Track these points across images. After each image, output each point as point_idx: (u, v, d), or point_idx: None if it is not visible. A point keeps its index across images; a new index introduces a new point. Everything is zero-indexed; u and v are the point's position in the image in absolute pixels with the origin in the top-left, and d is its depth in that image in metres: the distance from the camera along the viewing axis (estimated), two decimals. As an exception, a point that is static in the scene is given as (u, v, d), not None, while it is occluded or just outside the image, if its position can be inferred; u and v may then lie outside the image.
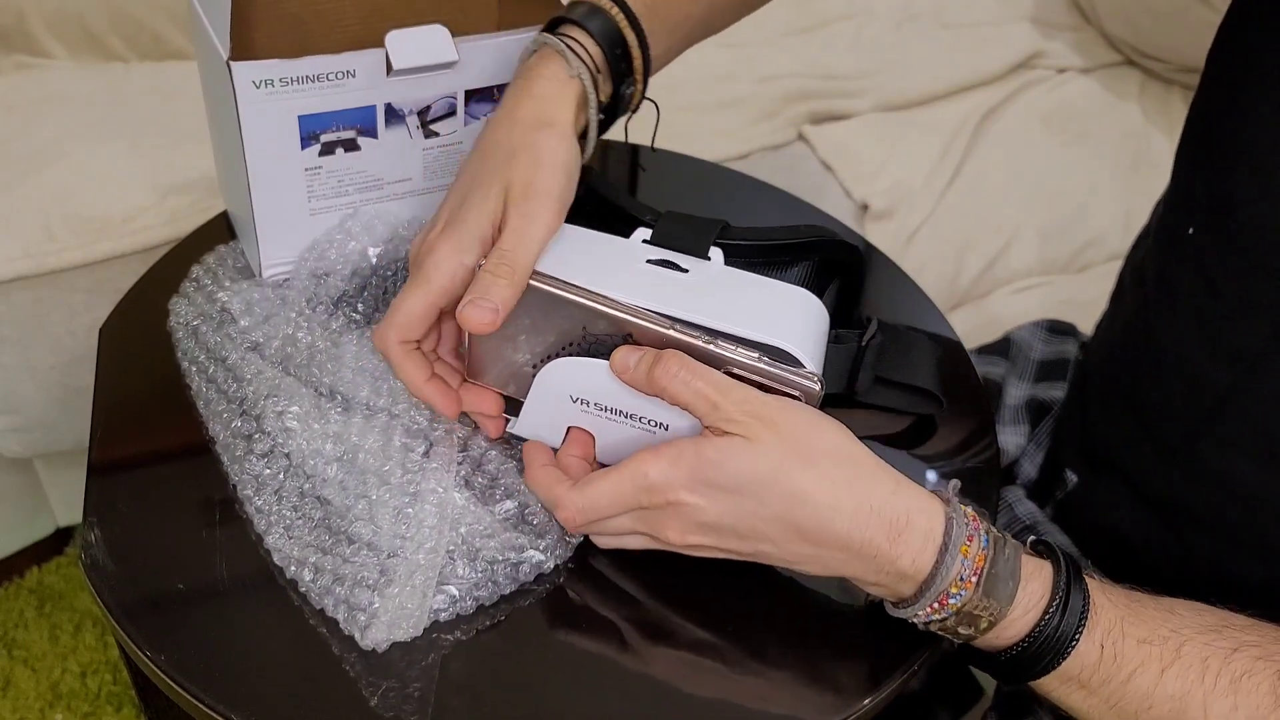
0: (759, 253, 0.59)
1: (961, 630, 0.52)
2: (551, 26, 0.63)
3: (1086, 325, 0.93)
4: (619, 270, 0.55)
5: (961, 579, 0.51)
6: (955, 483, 0.54)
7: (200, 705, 0.51)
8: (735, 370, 0.52)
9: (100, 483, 0.60)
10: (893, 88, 1.38)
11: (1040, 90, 1.42)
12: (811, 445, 0.51)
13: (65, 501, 1.27)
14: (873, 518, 0.51)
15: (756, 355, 0.52)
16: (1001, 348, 0.89)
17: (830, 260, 0.60)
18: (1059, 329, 0.90)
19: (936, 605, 0.51)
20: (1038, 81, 1.43)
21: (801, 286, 0.58)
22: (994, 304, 1.24)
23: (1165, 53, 1.43)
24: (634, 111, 0.67)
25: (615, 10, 0.62)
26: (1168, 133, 1.40)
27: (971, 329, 1.11)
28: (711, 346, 0.52)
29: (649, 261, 0.57)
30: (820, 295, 0.59)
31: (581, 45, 0.61)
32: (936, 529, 0.52)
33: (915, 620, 0.53)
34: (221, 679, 0.51)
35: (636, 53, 0.62)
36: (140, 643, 0.52)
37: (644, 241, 0.58)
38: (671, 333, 0.52)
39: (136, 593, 0.55)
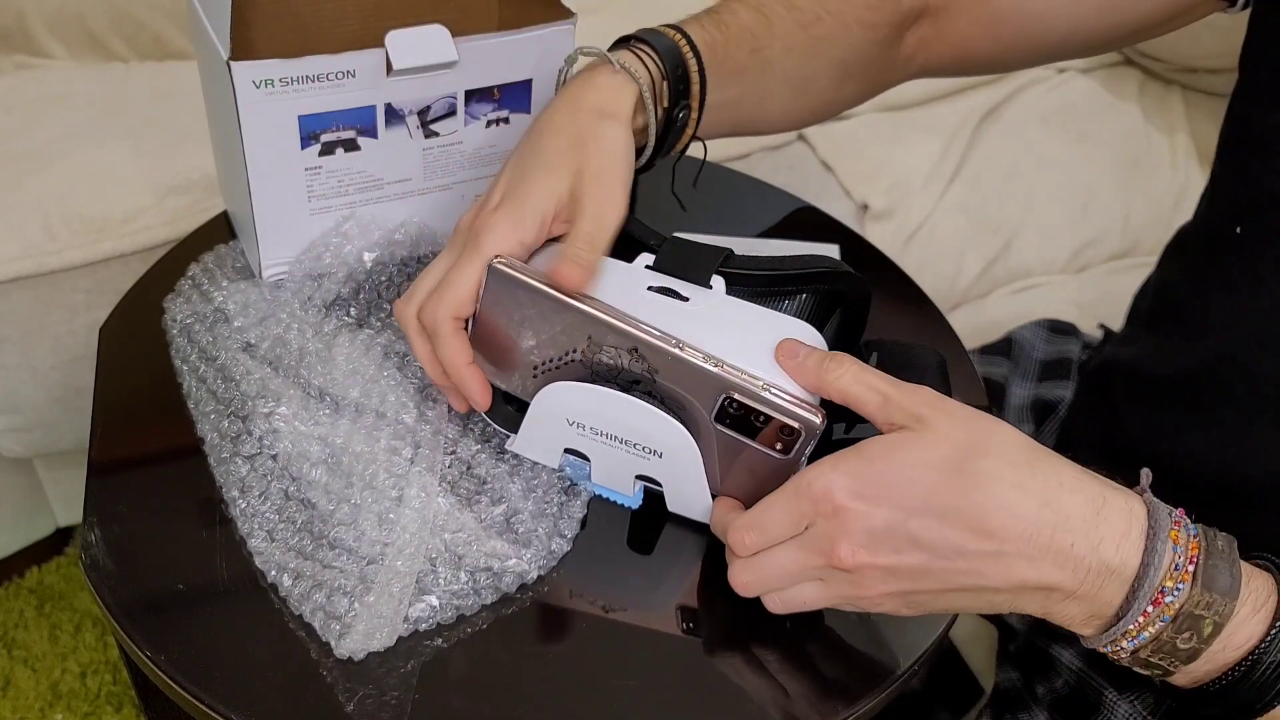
0: (762, 282, 0.59)
1: (1180, 644, 0.45)
2: (615, 46, 0.63)
3: (1086, 325, 0.93)
4: (620, 295, 0.55)
5: (1176, 569, 0.45)
6: (1146, 471, 0.49)
7: (200, 705, 0.51)
8: (737, 396, 0.52)
9: (100, 483, 0.60)
10: (893, 87, 1.38)
11: (1040, 90, 1.41)
12: (986, 433, 0.47)
13: (65, 501, 1.27)
14: (1064, 494, 0.45)
15: (761, 383, 0.52)
16: (1003, 348, 0.90)
17: (834, 291, 0.60)
18: (1060, 329, 0.91)
19: (1151, 610, 0.45)
20: (1037, 81, 1.43)
21: (804, 317, 0.58)
22: (994, 304, 1.24)
23: (1165, 53, 1.43)
24: (682, 151, 0.67)
25: (678, 36, 0.63)
26: (1167, 133, 1.40)
27: (971, 329, 1.11)
28: (716, 369, 0.52)
29: (650, 288, 0.57)
30: (823, 327, 0.59)
31: (645, 55, 0.62)
32: (1138, 510, 0.46)
33: (1123, 647, 0.47)
34: (221, 679, 0.51)
35: (695, 77, 0.63)
36: (140, 643, 0.52)
37: (647, 267, 0.58)
38: (677, 351, 0.53)
39: (136, 593, 0.55)
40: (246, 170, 0.66)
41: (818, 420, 0.51)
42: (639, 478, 0.58)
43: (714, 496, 0.57)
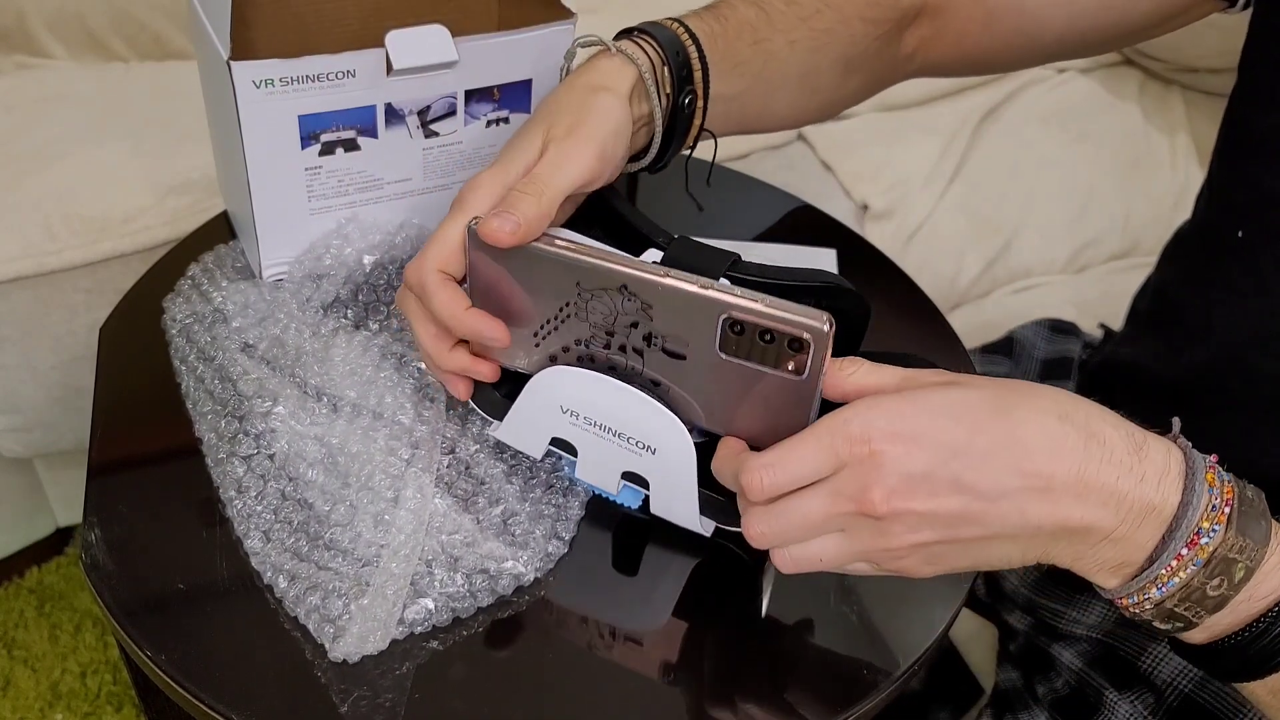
0: (766, 291, 0.58)
1: (1210, 591, 0.45)
2: (616, 38, 0.64)
3: (1086, 325, 0.93)
4: None
5: (1213, 509, 0.45)
6: (1176, 419, 0.49)
7: (200, 705, 0.51)
8: (735, 315, 0.49)
9: (100, 483, 0.60)
10: (893, 88, 1.38)
11: (1040, 90, 1.42)
12: (1021, 385, 0.47)
13: (65, 501, 1.27)
14: (1107, 429, 0.45)
15: (756, 295, 0.49)
16: (1004, 347, 0.90)
17: (834, 308, 0.59)
18: (1061, 328, 0.91)
19: (1185, 552, 0.44)
20: (1037, 81, 1.43)
21: None
22: (993, 304, 1.24)
23: (1165, 53, 1.43)
24: (693, 146, 0.67)
25: (676, 26, 0.63)
26: (1167, 133, 1.40)
27: (971, 329, 1.11)
28: (707, 291, 0.50)
29: None
30: None
31: (645, 42, 0.62)
32: (1175, 451, 0.46)
33: (1149, 596, 0.46)
34: (220, 679, 0.51)
35: (696, 64, 0.63)
36: (140, 643, 0.52)
37: (654, 263, 0.58)
38: (666, 280, 0.51)
39: (136, 593, 0.55)
40: (246, 170, 0.66)
41: (824, 327, 0.47)
42: (625, 476, 0.58)
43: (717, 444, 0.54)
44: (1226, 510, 0.45)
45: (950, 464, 0.44)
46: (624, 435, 0.56)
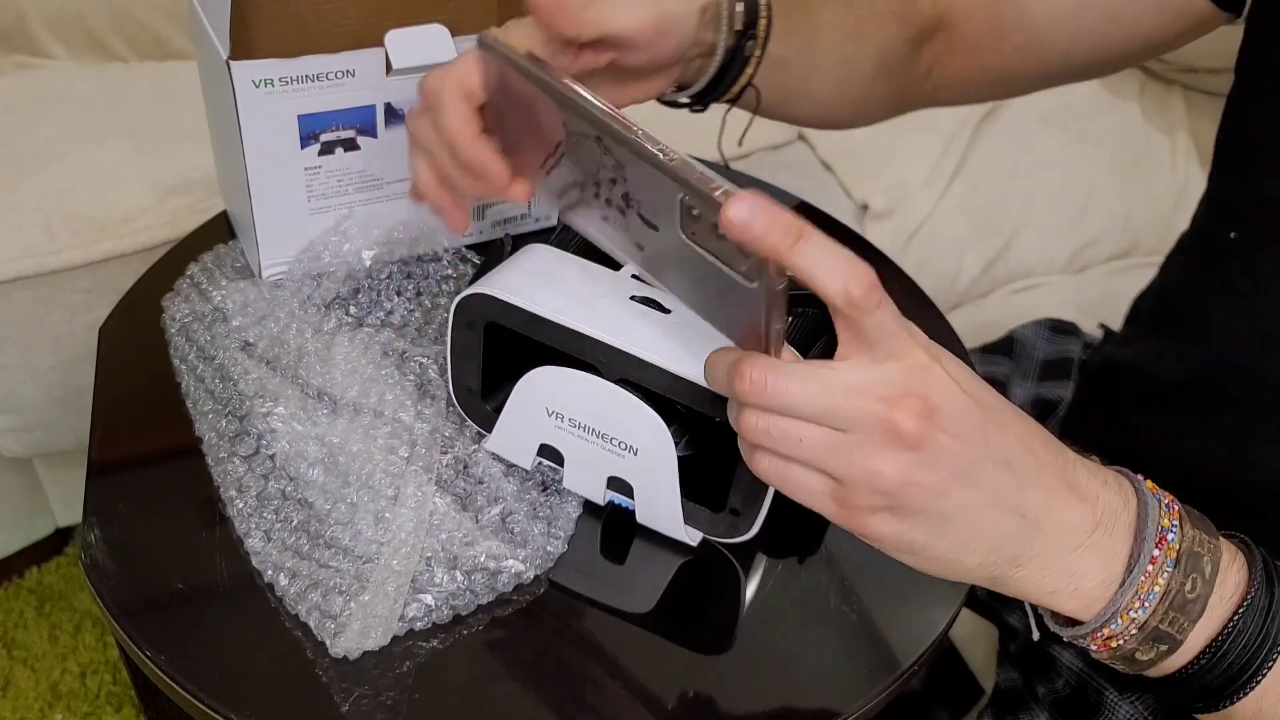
0: None
1: (1189, 593, 0.45)
2: None
3: (1086, 325, 0.93)
4: (599, 303, 0.54)
5: (1166, 507, 0.46)
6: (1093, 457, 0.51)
7: (200, 705, 0.51)
8: (686, 196, 0.44)
9: (100, 483, 0.60)
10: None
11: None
12: None
13: (65, 501, 1.27)
14: (1058, 442, 0.47)
15: (717, 181, 0.43)
16: (1005, 346, 0.90)
17: (823, 316, 0.59)
18: (1061, 328, 0.91)
19: (1158, 553, 0.45)
20: (1038, 81, 1.43)
21: (790, 339, 0.56)
22: (994, 304, 1.24)
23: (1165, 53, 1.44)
24: (735, 100, 0.67)
25: None
26: (1167, 133, 1.40)
27: (971, 329, 1.11)
28: (670, 164, 0.44)
29: (633, 298, 0.55)
30: (809, 349, 0.58)
31: None
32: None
33: (1134, 618, 0.45)
34: (220, 679, 0.51)
35: (764, 11, 0.63)
36: (140, 643, 0.52)
37: (633, 276, 0.57)
38: (634, 138, 0.45)
39: (136, 593, 0.55)
40: (246, 170, 0.66)
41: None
42: (611, 481, 0.58)
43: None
44: (1176, 508, 0.46)
45: (981, 414, 0.43)
46: (607, 435, 0.56)
